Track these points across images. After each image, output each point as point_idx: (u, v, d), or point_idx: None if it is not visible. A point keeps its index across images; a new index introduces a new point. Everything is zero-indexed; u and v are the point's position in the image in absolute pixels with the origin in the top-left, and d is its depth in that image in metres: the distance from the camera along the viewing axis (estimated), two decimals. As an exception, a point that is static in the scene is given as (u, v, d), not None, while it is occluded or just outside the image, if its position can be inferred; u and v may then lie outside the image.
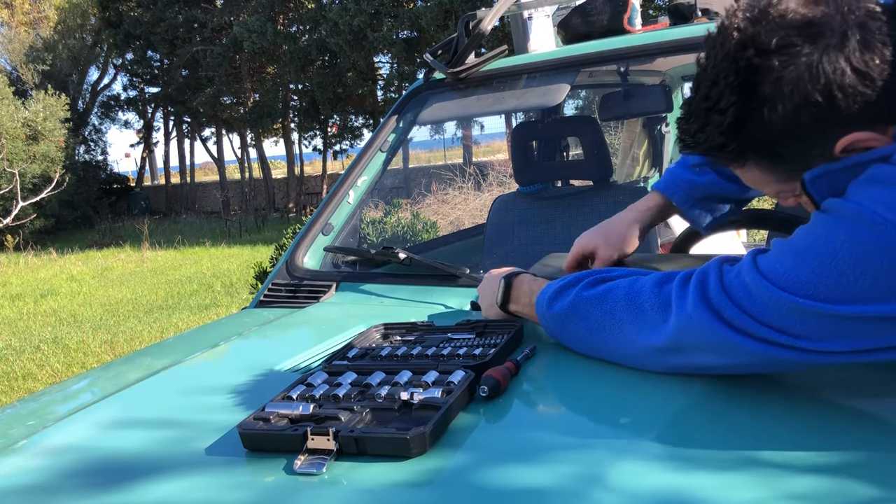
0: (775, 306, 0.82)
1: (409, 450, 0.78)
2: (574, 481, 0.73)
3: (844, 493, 0.67)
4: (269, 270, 6.00)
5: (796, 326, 0.81)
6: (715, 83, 0.85)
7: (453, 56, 1.83)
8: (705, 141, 0.89)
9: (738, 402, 0.88)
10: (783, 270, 0.82)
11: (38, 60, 21.59)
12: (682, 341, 0.91)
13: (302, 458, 0.80)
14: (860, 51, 0.80)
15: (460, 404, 0.89)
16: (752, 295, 0.84)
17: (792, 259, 0.83)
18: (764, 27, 0.82)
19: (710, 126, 0.87)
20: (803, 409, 0.86)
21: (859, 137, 0.82)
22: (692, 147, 0.92)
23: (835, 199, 0.83)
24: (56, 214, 18.70)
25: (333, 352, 1.13)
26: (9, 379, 5.34)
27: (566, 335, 1.06)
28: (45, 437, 1.00)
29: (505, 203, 2.46)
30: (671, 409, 0.90)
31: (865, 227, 0.78)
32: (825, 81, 0.80)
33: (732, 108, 0.84)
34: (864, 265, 0.77)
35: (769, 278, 0.83)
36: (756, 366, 0.88)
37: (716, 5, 1.97)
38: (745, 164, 0.91)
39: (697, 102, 0.88)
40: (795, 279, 0.81)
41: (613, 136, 4.63)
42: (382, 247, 1.61)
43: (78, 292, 9.67)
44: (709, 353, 0.90)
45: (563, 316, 1.05)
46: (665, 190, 1.28)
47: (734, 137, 0.86)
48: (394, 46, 16.34)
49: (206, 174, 35.27)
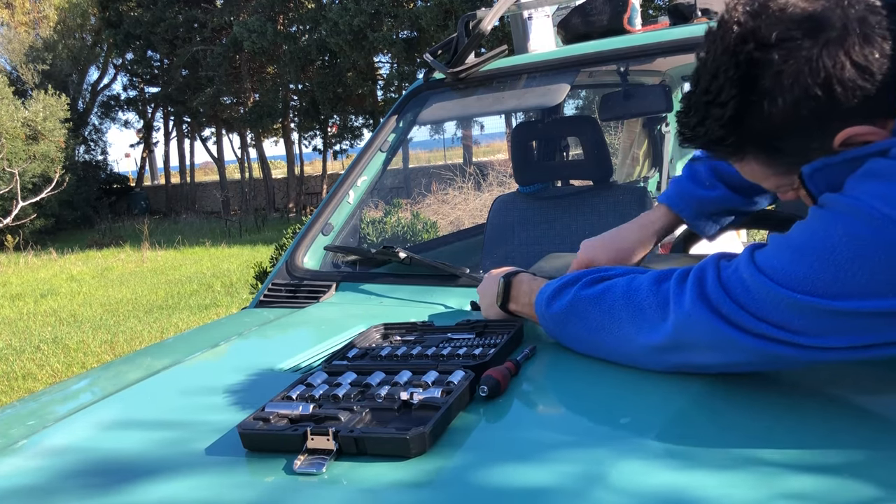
0: (773, 302, 0.82)
1: (409, 450, 0.78)
2: (574, 481, 0.73)
3: (844, 493, 0.67)
4: (269, 270, 6.00)
5: (794, 322, 0.81)
6: (715, 77, 0.85)
7: (453, 56, 1.83)
8: (705, 134, 0.89)
9: (738, 402, 0.88)
10: (780, 266, 0.82)
11: (38, 60, 21.60)
12: (681, 339, 0.90)
13: (302, 458, 0.80)
14: (860, 45, 0.80)
15: (460, 404, 0.89)
16: (750, 291, 0.84)
17: (789, 254, 0.83)
18: (764, 21, 0.82)
19: (709, 119, 0.87)
20: (803, 408, 0.86)
21: (858, 131, 0.82)
22: (691, 140, 0.92)
23: (832, 194, 0.84)
24: (56, 214, 18.70)
25: (333, 352, 1.13)
26: (9, 379, 5.34)
27: (565, 335, 1.06)
28: (45, 437, 1.00)
29: (505, 203, 2.46)
30: (671, 408, 0.90)
31: (863, 222, 0.78)
32: (825, 75, 0.80)
33: (732, 102, 0.84)
34: (861, 260, 0.77)
35: (767, 274, 0.83)
36: (754, 363, 0.88)
37: (716, 5, 1.97)
38: (744, 157, 0.91)
39: (697, 96, 0.88)
40: (793, 275, 0.81)
41: (613, 136, 4.63)
42: (383, 246, 1.61)
43: (78, 292, 9.67)
44: (707, 351, 0.89)
45: (562, 315, 1.05)
46: (674, 206, 1.27)
47: (734, 131, 0.86)
48: (394, 46, 16.34)
49: (206, 174, 35.26)
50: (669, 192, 1.29)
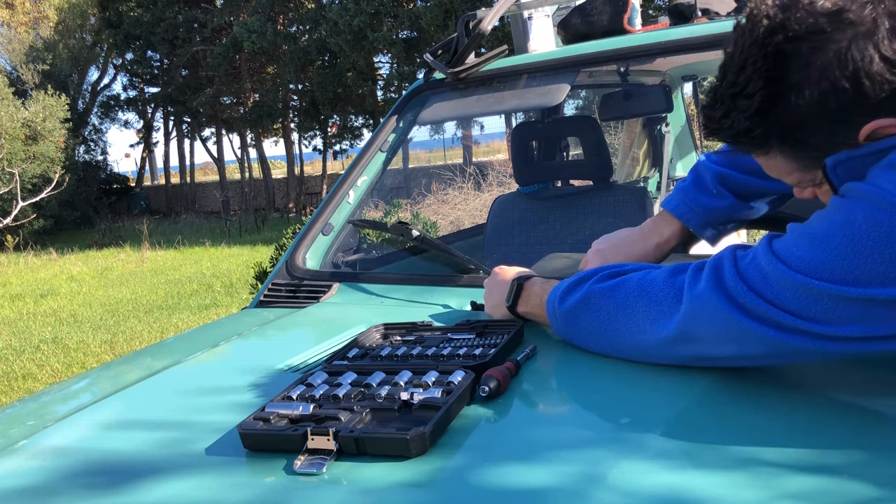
0: (791, 289, 0.82)
1: (409, 450, 0.78)
2: (574, 481, 0.73)
3: (845, 493, 0.67)
4: (269, 270, 6.00)
5: (811, 309, 0.81)
6: (742, 69, 0.85)
7: (453, 56, 1.83)
8: (730, 126, 0.88)
9: (738, 402, 0.88)
10: (799, 254, 0.82)
11: (38, 60, 21.60)
12: (694, 329, 0.90)
13: (302, 458, 0.80)
14: (889, 39, 0.79)
15: (460, 404, 0.89)
16: (768, 279, 0.84)
17: (809, 242, 0.83)
18: (794, 14, 0.82)
19: (735, 111, 0.86)
20: (804, 408, 0.86)
21: (883, 124, 0.82)
22: (717, 133, 0.91)
23: (853, 182, 0.83)
24: (56, 215, 18.71)
25: (334, 352, 1.13)
26: (9, 379, 5.34)
27: (577, 329, 1.05)
28: (45, 437, 1.00)
29: (505, 203, 2.46)
30: (672, 408, 0.90)
31: (884, 210, 0.78)
32: (853, 69, 0.80)
33: (759, 94, 0.84)
34: (881, 247, 0.77)
35: (785, 261, 0.83)
36: (767, 356, 0.88)
37: (716, 5, 1.97)
38: (769, 150, 0.90)
39: (723, 89, 0.88)
40: (812, 261, 0.81)
41: (613, 136, 4.63)
42: (398, 221, 1.63)
43: (78, 292, 9.68)
44: (721, 343, 0.89)
45: (575, 309, 1.04)
46: (681, 216, 1.25)
47: (760, 123, 0.86)
48: (394, 46, 16.34)
49: (206, 174, 35.28)
50: (675, 201, 1.27)
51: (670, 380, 0.94)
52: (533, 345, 1.09)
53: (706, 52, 1.68)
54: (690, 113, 3.69)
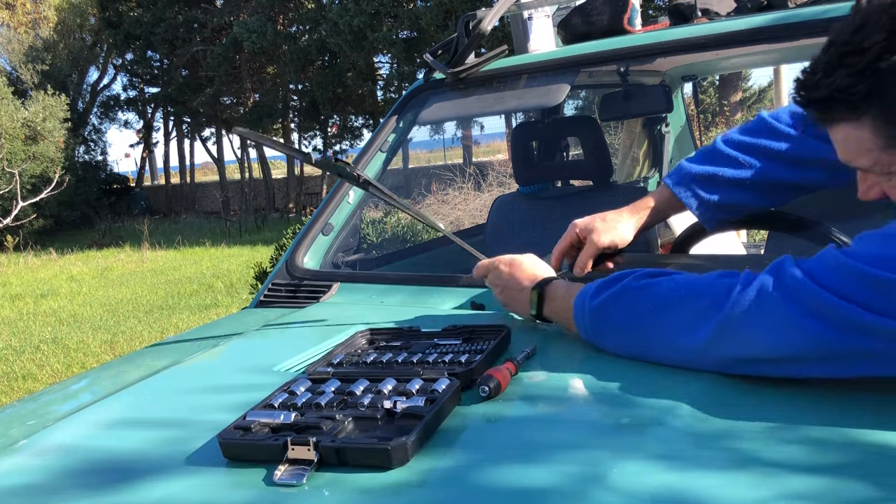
0: (861, 281, 0.80)
1: (391, 461, 0.77)
2: (573, 481, 0.73)
3: (845, 493, 0.67)
4: (269, 270, 6.00)
5: (880, 302, 0.79)
6: (861, 27, 0.82)
7: (453, 56, 1.83)
8: (829, 84, 0.84)
9: (739, 402, 0.88)
10: (871, 250, 0.81)
11: (37, 60, 21.59)
12: (743, 328, 0.88)
13: (282, 468, 0.78)
14: None
15: (444, 413, 0.88)
16: (836, 272, 0.82)
17: (880, 239, 0.82)
18: None
19: (842, 69, 0.83)
20: (804, 408, 0.86)
21: None
22: (810, 91, 0.87)
23: None
24: (56, 215, 18.70)
25: (318, 358, 1.11)
26: (9, 379, 5.34)
27: (605, 327, 1.03)
28: (45, 437, 1.00)
29: (505, 203, 2.46)
30: (672, 408, 0.89)
31: None
32: None
33: (876, 47, 0.80)
34: None
35: (854, 256, 0.82)
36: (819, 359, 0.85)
37: (716, 5, 1.97)
38: (860, 117, 0.85)
39: (832, 51, 0.84)
40: (882, 256, 0.79)
41: (613, 136, 4.63)
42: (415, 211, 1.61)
43: (78, 292, 9.67)
44: (771, 343, 0.86)
45: (607, 303, 1.02)
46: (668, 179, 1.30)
47: (865, 79, 0.82)
48: (394, 46, 16.34)
49: (206, 174, 35.26)
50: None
51: (671, 379, 0.94)
52: (533, 345, 1.09)
53: (706, 52, 1.68)
54: (690, 113, 3.69)
